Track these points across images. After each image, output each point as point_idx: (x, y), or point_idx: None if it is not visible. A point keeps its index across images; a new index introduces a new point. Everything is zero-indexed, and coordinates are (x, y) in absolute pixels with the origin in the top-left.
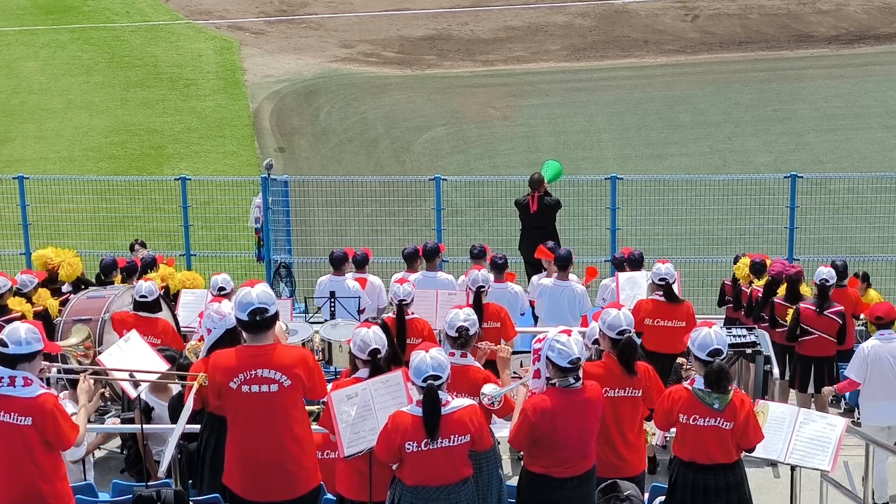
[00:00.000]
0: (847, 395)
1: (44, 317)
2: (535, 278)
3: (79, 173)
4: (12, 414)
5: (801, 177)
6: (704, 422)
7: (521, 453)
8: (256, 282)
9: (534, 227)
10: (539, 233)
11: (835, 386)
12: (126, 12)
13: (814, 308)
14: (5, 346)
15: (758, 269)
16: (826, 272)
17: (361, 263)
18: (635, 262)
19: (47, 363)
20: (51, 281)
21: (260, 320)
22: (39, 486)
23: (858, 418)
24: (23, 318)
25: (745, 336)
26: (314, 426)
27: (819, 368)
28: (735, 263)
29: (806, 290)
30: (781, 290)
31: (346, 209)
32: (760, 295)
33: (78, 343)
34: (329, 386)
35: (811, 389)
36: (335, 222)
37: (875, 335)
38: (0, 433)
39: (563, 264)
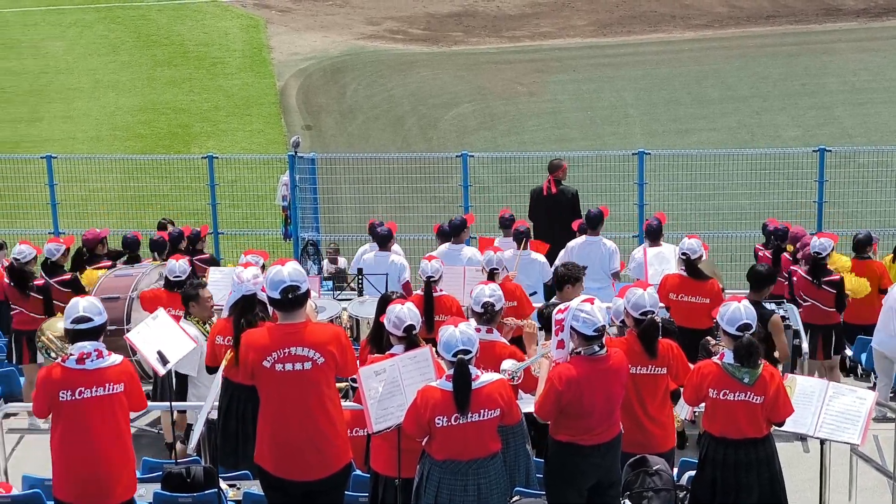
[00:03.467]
0: (863, 360)
1: (72, 284)
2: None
3: (106, 152)
4: (107, 385)
5: (830, 150)
6: (734, 396)
7: None
8: (287, 260)
9: (553, 221)
10: (559, 226)
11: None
12: None
13: (807, 277)
14: (90, 320)
15: (781, 236)
16: (818, 244)
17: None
18: (652, 233)
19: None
20: (87, 253)
21: (292, 298)
22: (129, 456)
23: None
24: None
25: (773, 311)
26: (346, 403)
27: (815, 335)
28: (766, 232)
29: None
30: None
31: (373, 186)
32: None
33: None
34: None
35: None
36: (362, 199)
37: None
38: (98, 408)
39: (594, 224)
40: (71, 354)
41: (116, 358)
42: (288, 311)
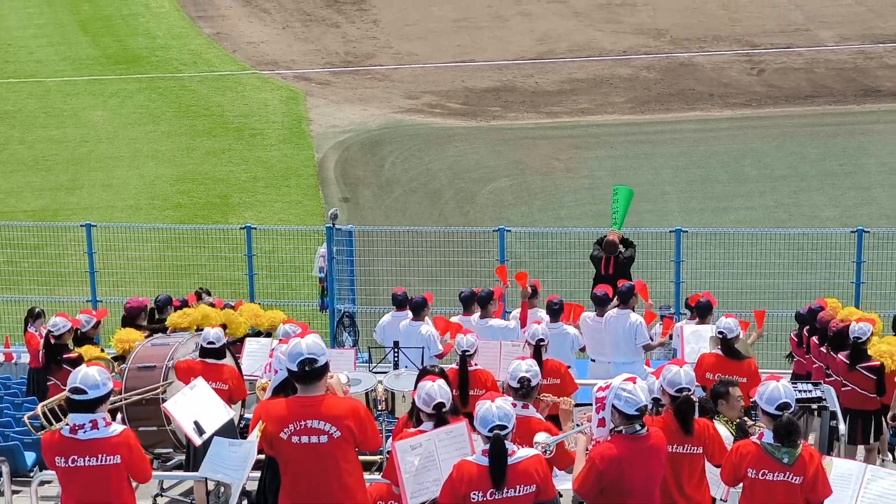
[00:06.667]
0: None
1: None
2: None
3: (145, 221)
4: (100, 455)
5: (868, 231)
6: (774, 476)
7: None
8: (309, 333)
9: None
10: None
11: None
12: (193, 62)
13: (846, 362)
14: (84, 392)
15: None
16: (858, 329)
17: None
18: (702, 310)
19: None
20: (129, 320)
21: (309, 371)
22: None
23: None
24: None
25: (811, 391)
26: (376, 476)
27: (854, 421)
28: (805, 315)
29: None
30: None
31: (410, 259)
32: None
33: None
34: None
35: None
36: (399, 272)
37: None
38: (89, 477)
39: (625, 298)
40: (66, 424)
41: (116, 429)
42: (305, 383)
